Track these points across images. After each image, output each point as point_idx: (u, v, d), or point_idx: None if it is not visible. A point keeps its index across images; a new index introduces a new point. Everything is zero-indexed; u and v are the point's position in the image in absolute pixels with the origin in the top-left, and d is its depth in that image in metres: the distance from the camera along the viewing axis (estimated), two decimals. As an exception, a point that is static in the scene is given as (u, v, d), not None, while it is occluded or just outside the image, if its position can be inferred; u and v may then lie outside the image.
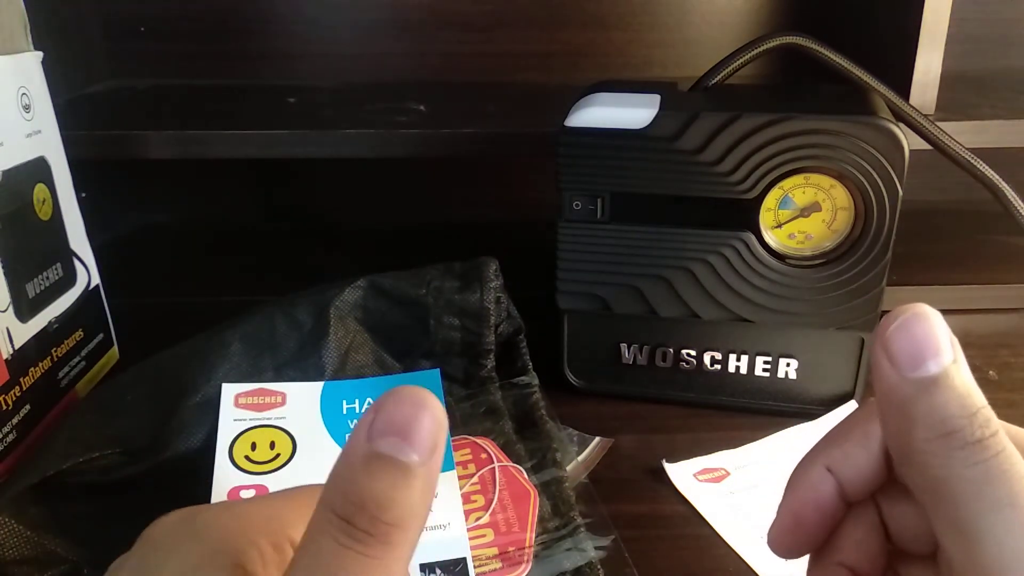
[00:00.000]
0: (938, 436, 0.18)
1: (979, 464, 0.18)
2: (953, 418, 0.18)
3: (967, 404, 0.18)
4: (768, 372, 0.49)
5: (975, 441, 0.18)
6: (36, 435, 0.44)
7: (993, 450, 0.18)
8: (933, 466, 0.18)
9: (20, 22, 0.47)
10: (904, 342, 0.19)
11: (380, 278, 0.50)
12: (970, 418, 0.18)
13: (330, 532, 0.17)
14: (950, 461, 0.18)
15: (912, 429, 0.19)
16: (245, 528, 0.22)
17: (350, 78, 0.77)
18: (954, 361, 0.19)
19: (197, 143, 0.59)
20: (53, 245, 0.48)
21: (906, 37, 0.57)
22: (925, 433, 0.18)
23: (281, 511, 0.23)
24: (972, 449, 0.18)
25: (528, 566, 0.36)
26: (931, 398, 0.18)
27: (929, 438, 0.18)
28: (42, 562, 0.36)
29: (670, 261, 0.47)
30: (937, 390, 0.18)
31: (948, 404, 0.18)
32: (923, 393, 0.19)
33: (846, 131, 0.42)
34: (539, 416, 0.46)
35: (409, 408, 0.18)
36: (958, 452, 0.18)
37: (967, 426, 0.18)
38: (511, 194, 0.80)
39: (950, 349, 0.19)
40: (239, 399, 0.44)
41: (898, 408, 0.19)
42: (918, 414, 0.19)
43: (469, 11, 0.76)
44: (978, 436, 0.18)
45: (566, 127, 0.46)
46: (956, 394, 0.18)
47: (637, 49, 0.77)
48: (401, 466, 0.18)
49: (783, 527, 0.23)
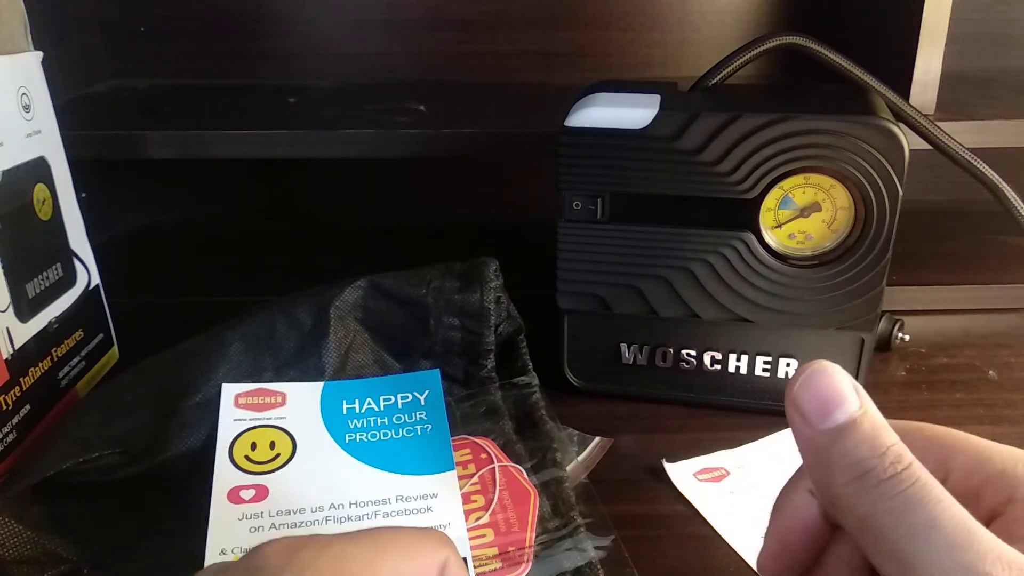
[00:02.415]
0: (854, 478, 0.20)
1: (896, 496, 0.19)
2: (865, 460, 0.20)
3: (876, 445, 0.20)
4: (768, 372, 0.49)
5: (888, 478, 0.19)
6: (36, 435, 0.44)
7: (908, 482, 0.19)
8: (856, 506, 0.20)
9: (20, 22, 0.47)
10: (810, 397, 0.21)
11: (380, 278, 0.50)
12: (880, 457, 0.20)
13: None
14: (869, 499, 0.19)
15: (831, 475, 0.20)
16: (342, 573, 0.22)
17: (350, 78, 0.77)
18: (860, 408, 0.20)
19: (197, 143, 0.59)
20: (53, 245, 0.48)
21: (906, 37, 0.57)
22: (843, 477, 0.20)
23: (375, 557, 0.23)
24: (887, 485, 0.19)
25: (528, 566, 0.36)
26: (842, 444, 0.20)
27: (847, 481, 0.20)
28: (42, 562, 0.36)
29: (670, 261, 0.47)
30: (847, 436, 0.20)
31: (859, 447, 0.20)
32: (835, 442, 0.20)
33: (846, 131, 0.42)
34: (539, 416, 0.46)
35: None
36: (874, 490, 0.19)
37: (878, 464, 0.19)
38: (511, 194, 0.80)
39: (855, 397, 0.20)
40: (239, 399, 0.44)
41: (816, 458, 0.21)
42: (833, 461, 0.20)
43: (469, 11, 0.76)
44: (890, 472, 0.19)
45: (566, 127, 0.46)
46: (865, 437, 0.20)
47: (637, 49, 0.77)
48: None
49: (770, 552, 0.24)
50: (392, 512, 0.39)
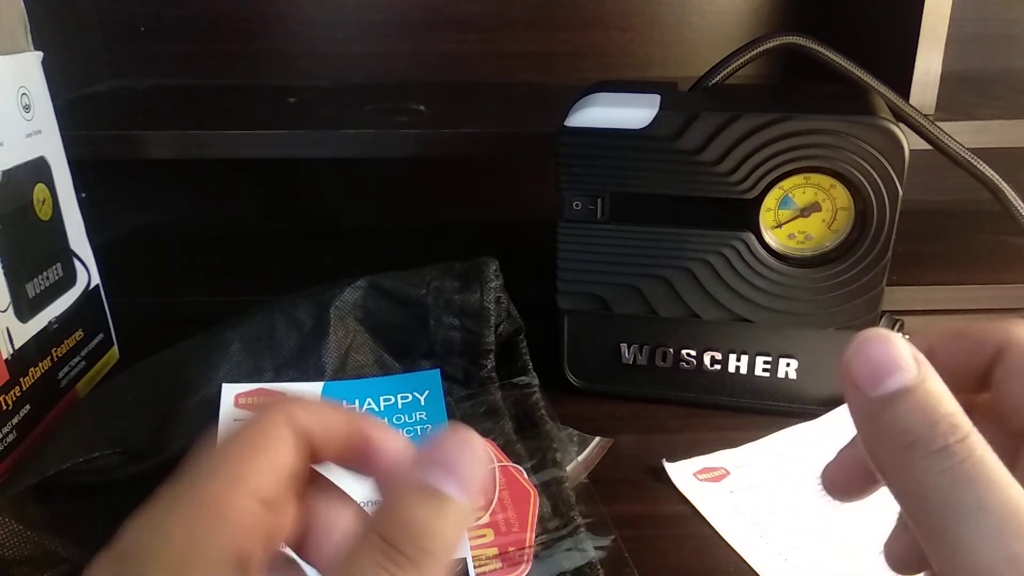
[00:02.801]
0: (901, 447, 0.19)
1: (945, 472, 0.18)
2: (914, 428, 0.19)
3: (929, 414, 0.19)
4: (768, 372, 0.49)
5: (938, 449, 0.18)
6: (36, 435, 0.44)
7: (959, 456, 0.18)
8: (903, 478, 0.19)
9: (20, 22, 0.47)
10: (863, 365, 0.20)
11: (380, 278, 0.50)
12: (931, 427, 0.19)
13: (375, 557, 0.19)
14: (917, 471, 0.19)
15: (879, 443, 0.20)
16: None
17: (350, 78, 0.77)
18: (916, 376, 0.19)
19: (197, 143, 0.59)
20: (53, 245, 0.48)
21: (906, 37, 0.57)
22: (890, 444, 0.19)
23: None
24: (936, 457, 0.18)
25: (528, 566, 0.36)
26: (891, 412, 0.19)
27: (894, 449, 0.19)
28: (42, 562, 0.36)
29: (670, 261, 0.47)
30: (897, 404, 0.19)
31: (908, 416, 0.19)
32: (884, 409, 0.19)
33: (846, 131, 0.42)
34: (539, 416, 0.46)
35: (458, 447, 0.20)
36: (922, 461, 0.18)
37: (927, 435, 0.19)
38: (511, 194, 0.80)
39: (911, 365, 0.20)
40: (239, 399, 0.44)
41: (866, 426, 0.20)
42: (882, 429, 0.19)
43: (469, 11, 0.76)
44: (940, 444, 0.18)
45: (566, 127, 0.46)
46: (917, 407, 0.19)
47: (637, 49, 0.77)
48: (445, 499, 0.19)
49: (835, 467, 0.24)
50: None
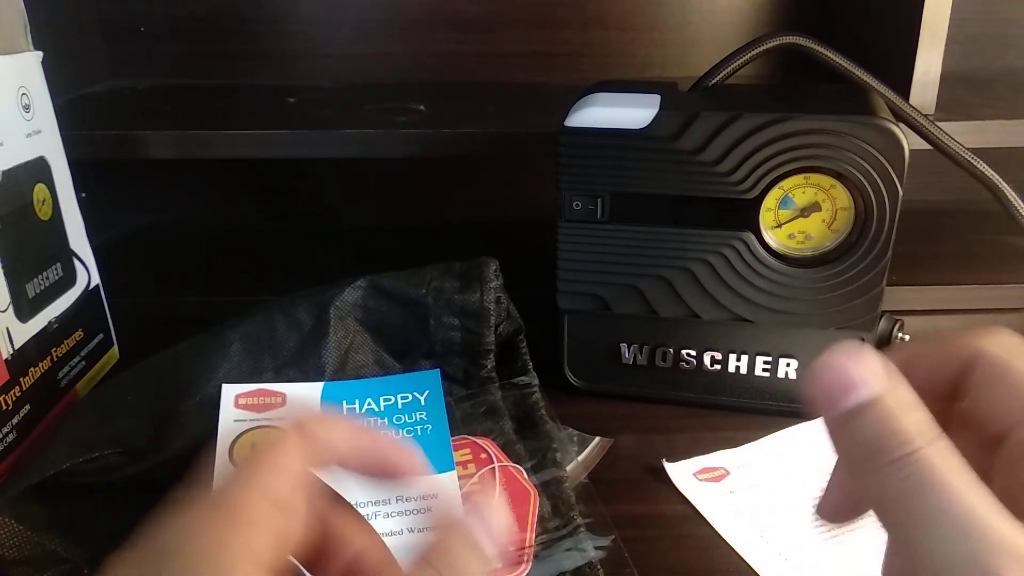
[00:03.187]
0: (866, 456, 0.19)
1: (907, 477, 0.19)
2: (876, 439, 0.19)
3: (889, 425, 0.19)
4: (768, 372, 0.49)
5: (898, 458, 0.19)
6: (36, 435, 0.44)
7: (919, 464, 0.19)
8: (869, 486, 0.19)
9: (20, 22, 0.47)
10: (826, 381, 0.20)
11: (380, 278, 0.50)
12: (891, 437, 0.19)
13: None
14: (881, 479, 0.19)
15: (848, 454, 0.20)
16: None
17: (350, 78, 0.77)
18: (878, 390, 0.20)
19: (197, 143, 0.59)
20: (53, 245, 0.48)
21: (906, 37, 0.57)
22: (856, 454, 0.20)
23: None
24: (897, 465, 0.19)
25: (528, 566, 0.36)
26: (855, 424, 0.20)
27: (860, 459, 0.20)
28: (42, 562, 0.36)
29: (670, 261, 0.47)
30: (860, 417, 0.20)
31: (870, 427, 0.20)
32: (849, 422, 0.20)
33: (846, 131, 0.42)
34: (539, 416, 0.46)
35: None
36: (885, 469, 0.19)
37: (888, 445, 0.19)
38: (511, 194, 0.80)
39: (877, 379, 0.20)
40: (239, 400, 0.44)
41: (835, 437, 0.21)
42: (849, 440, 0.20)
43: (469, 11, 0.76)
44: (900, 453, 0.19)
45: (566, 127, 0.46)
46: (878, 419, 0.20)
47: (637, 49, 0.77)
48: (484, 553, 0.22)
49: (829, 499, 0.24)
50: (392, 512, 0.39)
